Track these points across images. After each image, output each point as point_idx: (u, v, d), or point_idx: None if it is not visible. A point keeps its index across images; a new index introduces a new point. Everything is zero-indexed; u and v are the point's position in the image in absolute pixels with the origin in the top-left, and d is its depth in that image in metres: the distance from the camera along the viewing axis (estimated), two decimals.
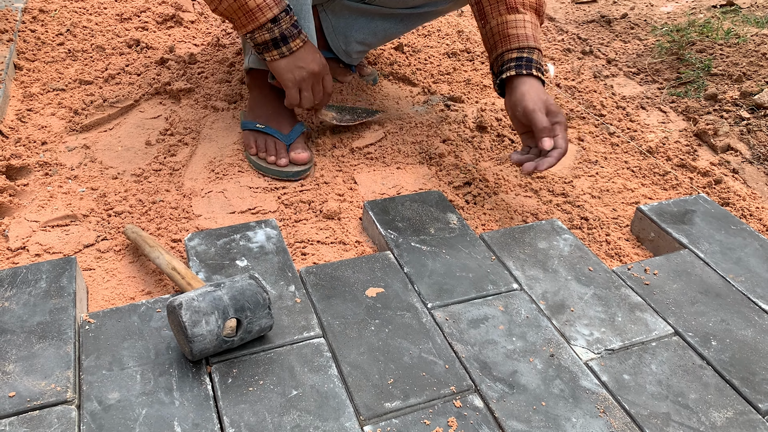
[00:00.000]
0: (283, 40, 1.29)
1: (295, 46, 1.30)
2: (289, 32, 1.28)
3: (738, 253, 1.20)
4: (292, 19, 1.28)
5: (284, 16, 1.27)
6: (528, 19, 1.33)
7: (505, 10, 1.33)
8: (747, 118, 1.70)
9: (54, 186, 1.35)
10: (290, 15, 1.28)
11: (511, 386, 0.92)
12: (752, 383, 0.94)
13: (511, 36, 1.31)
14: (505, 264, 1.15)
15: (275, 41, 1.29)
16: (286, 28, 1.28)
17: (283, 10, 1.26)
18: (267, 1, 1.25)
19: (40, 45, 1.87)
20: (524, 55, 1.29)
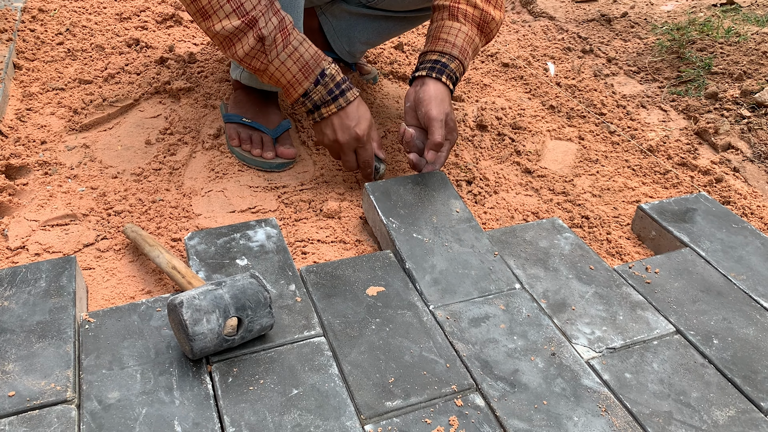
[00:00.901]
0: (316, 109, 1.28)
1: (327, 113, 1.28)
2: (322, 101, 1.27)
3: (739, 252, 1.19)
4: (327, 86, 1.26)
5: (314, 88, 1.26)
6: (464, 30, 1.36)
7: (447, 16, 1.37)
8: (748, 116, 1.70)
9: (54, 185, 1.35)
10: (323, 83, 1.26)
11: (513, 385, 0.92)
12: (754, 382, 0.94)
13: (440, 40, 1.36)
14: (506, 263, 1.14)
15: (310, 111, 1.30)
16: (319, 98, 1.27)
17: (314, 81, 1.25)
18: (297, 77, 1.24)
19: (39, 44, 1.86)
20: (443, 60, 1.34)
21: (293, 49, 1.22)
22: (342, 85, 1.28)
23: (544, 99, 1.82)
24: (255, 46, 1.18)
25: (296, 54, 1.23)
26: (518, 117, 1.70)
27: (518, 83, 1.91)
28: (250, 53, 1.20)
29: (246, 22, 1.16)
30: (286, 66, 1.23)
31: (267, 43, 1.19)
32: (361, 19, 1.66)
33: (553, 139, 1.64)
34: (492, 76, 1.94)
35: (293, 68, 1.23)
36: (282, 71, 1.23)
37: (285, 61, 1.22)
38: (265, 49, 1.19)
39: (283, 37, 1.21)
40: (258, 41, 1.18)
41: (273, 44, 1.20)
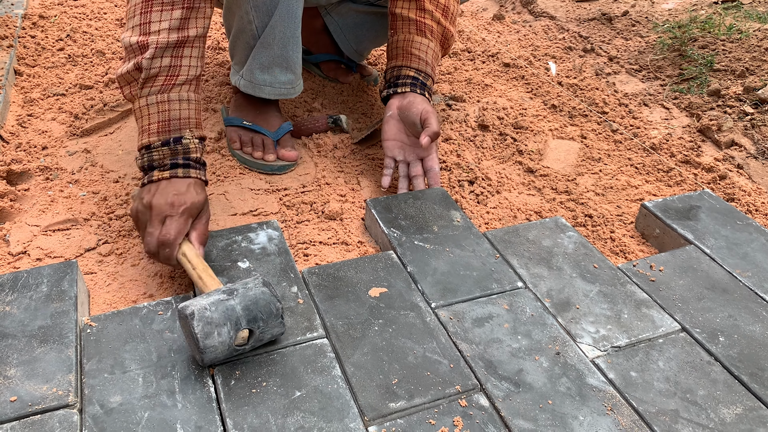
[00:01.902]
0: (149, 169, 1.09)
1: (158, 176, 1.07)
2: (159, 162, 1.08)
3: (744, 248, 1.18)
4: (175, 153, 1.09)
5: (159, 147, 1.08)
6: (432, 47, 1.41)
7: (415, 30, 1.40)
8: (751, 113, 1.69)
9: (55, 190, 1.35)
10: (172, 148, 1.08)
11: (517, 385, 0.91)
12: (761, 379, 0.93)
13: (413, 56, 1.39)
14: (510, 262, 1.13)
15: (145, 169, 1.10)
16: (158, 158, 1.08)
17: (163, 141, 1.08)
18: (150, 127, 1.08)
19: (40, 50, 1.87)
20: (420, 78, 1.38)
21: (166, 99, 1.08)
22: (193, 162, 1.09)
23: (546, 98, 1.81)
24: (132, 72, 1.07)
25: (166, 105, 1.08)
26: (520, 117, 1.70)
27: (520, 83, 1.90)
28: (125, 76, 1.08)
29: (139, 44, 1.06)
30: (148, 110, 1.08)
31: (143, 76, 1.07)
32: (368, 17, 1.66)
33: (555, 138, 1.64)
34: (493, 76, 1.94)
35: (153, 116, 1.08)
36: (143, 112, 1.09)
37: (150, 105, 1.08)
38: (140, 80, 1.07)
39: (165, 82, 1.07)
40: (136, 69, 1.07)
41: (150, 81, 1.07)
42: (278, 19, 1.29)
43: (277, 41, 1.32)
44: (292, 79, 1.40)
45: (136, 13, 1.07)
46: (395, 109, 1.36)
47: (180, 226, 1.04)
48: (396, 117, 1.35)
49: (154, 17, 1.06)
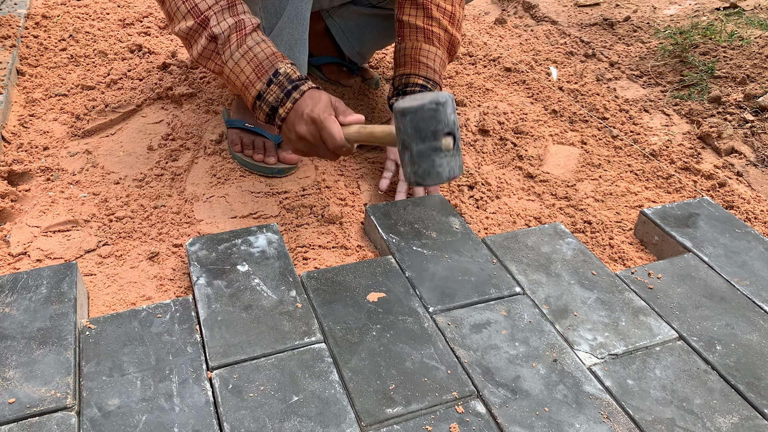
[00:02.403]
0: (273, 112, 1.17)
1: (284, 112, 1.15)
2: (278, 101, 1.16)
3: (743, 257, 1.19)
4: (282, 84, 1.15)
5: (267, 88, 1.15)
6: (440, 54, 1.42)
7: (423, 39, 1.42)
8: (751, 120, 1.69)
9: (56, 191, 1.35)
10: (277, 82, 1.15)
11: (514, 392, 0.91)
12: (758, 388, 0.93)
13: (422, 64, 1.40)
14: (508, 268, 1.14)
15: (269, 116, 1.18)
16: (273, 99, 1.15)
17: (267, 81, 1.15)
18: (250, 78, 1.16)
19: (42, 50, 1.87)
20: (428, 86, 1.40)
21: (248, 48, 1.15)
22: (296, 81, 1.16)
23: (547, 103, 1.82)
24: (207, 45, 1.15)
25: (250, 53, 1.15)
26: (520, 121, 1.70)
27: (520, 87, 1.91)
28: (203, 53, 1.16)
29: (198, 22, 1.13)
30: (239, 66, 1.15)
31: (219, 42, 1.14)
32: (371, 19, 1.67)
33: (556, 143, 1.64)
34: (494, 80, 1.94)
35: (246, 69, 1.15)
36: (236, 72, 1.16)
37: (239, 61, 1.15)
38: (218, 48, 1.15)
39: (238, 37, 1.15)
40: (210, 40, 1.14)
41: (226, 43, 1.14)
42: (286, 20, 1.30)
43: (284, 43, 1.32)
44: None
45: (179, 4, 1.14)
46: None
47: (333, 128, 1.11)
48: None
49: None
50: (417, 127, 0.97)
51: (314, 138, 1.13)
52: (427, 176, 1.00)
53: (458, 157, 1.00)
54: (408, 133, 0.98)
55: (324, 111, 1.12)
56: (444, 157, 0.98)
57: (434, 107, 0.96)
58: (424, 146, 0.98)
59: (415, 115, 0.96)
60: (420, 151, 0.98)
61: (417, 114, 0.96)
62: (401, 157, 1.04)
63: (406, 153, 1.00)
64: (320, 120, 1.11)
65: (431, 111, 0.96)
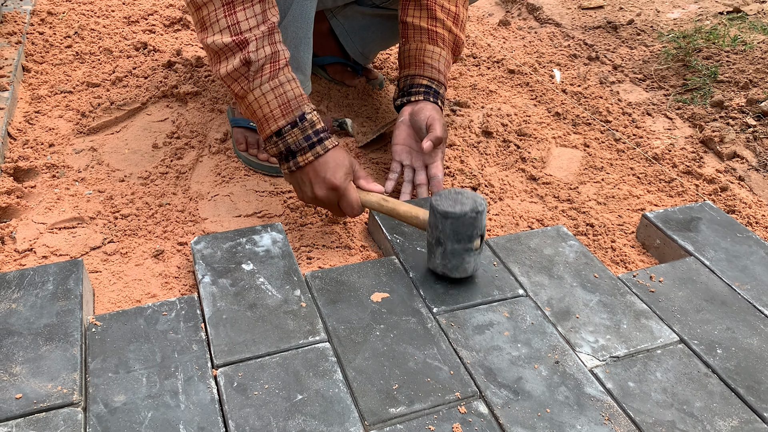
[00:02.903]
0: (291, 155, 1.17)
1: (303, 162, 1.16)
2: (297, 146, 1.16)
3: (744, 261, 1.19)
4: (305, 131, 1.16)
5: (290, 129, 1.15)
6: (444, 55, 1.43)
7: (427, 40, 1.43)
8: (753, 125, 1.70)
9: (61, 188, 1.36)
10: (301, 127, 1.15)
11: (516, 393, 0.92)
12: (758, 392, 0.94)
13: (426, 65, 1.42)
14: (511, 270, 1.15)
15: (283, 155, 1.18)
16: (293, 141, 1.16)
17: (291, 122, 1.15)
18: (274, 112, 1.15)
19: (48, 47, 1.88)
20: (433, 86, 1.41)
21: (278, 83, 1.15)
22: (321, 133, 1.17)
23: (550, 106, 1.82)
24: (239, 68, 1.13)
25: (280, 89, 1.15)
26: (524, 124, 1.71)
27: (524, 90, 1.91)
28: (232, 74, 1.14)
29: (237, 42, 1.11)
30: (266, 98, 1.15)
31: (252, 69, 1.13)
32: (375, 19, 1.67)
33: (559, 146, 1.65)
34: (498, 82, 1.95)
35: (273, 103, 1.15)
36: (260, 102, 1.15)
37: (266, 93, 1.15)
38: (250, 74, 1.14)
39: (271, 69, 1.14)
40: (243, 64, 1.12)
41: (259, 72, 1.13)
42: (291, 19, 1.30)
43: (289, 42, 1.33)
44: (301, 80, 1.41)
45: (219, 17, 1.11)
46: (407, 115, 1.37)
47: (353, 197, 1.18)
48: (407, 122, 1.37)
49: (241, 16, 1.11)
50: (456, 230, 1.03)
51: (331, 202, 1.18)
52: (455, 270, 1.07)
53: (482, 253, 1.09)
54: (446, 233, 1.04)
55: (346, 179, 1.17)
56: (473, 255, 1.06)
57: (475, 216, 1.03)
58: (458, 246, 1.04)
59: (456, 221, 1.03)
60: (454, 250, 1.05)
61: (459, 221, 1.03)
62: (431, 247, 1.08)
63: (439, 248, 1.06)
64: (342, 189, 1.16)
65: (472, 219, 1.03)
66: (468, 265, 1.07)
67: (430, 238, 1.08)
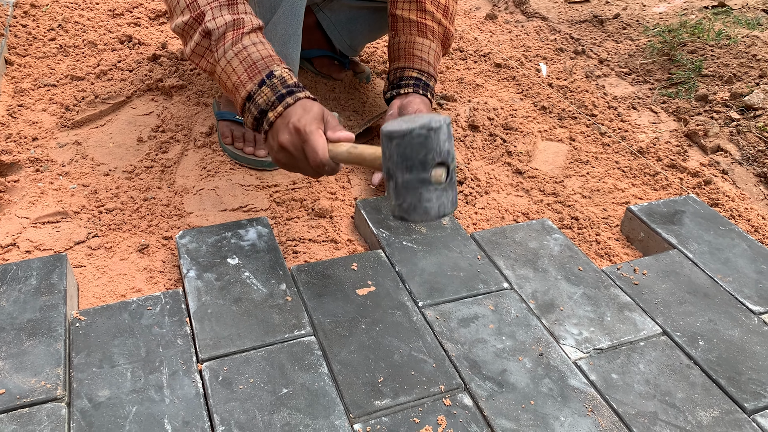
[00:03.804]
0: (262, 115, 1.09)
1: (274, 116, 1.07)
2: (268, 104, 1.08)
3: (726, 254, 1.21)
4: (275, 88, 1.07)
5: (258, 90, 1.08)
6: (434, 48, 1.43)
7: (416, 32, 1.42)
8: (737, 119, 1.71)
9: (45, 182, 1.35)
10: (270, 84, 1.08)
11: (501, 385, 0.93)
12: (738, 383, 0.95)
13: (416, 57, 1.40)
14: (496, 263, 1.15)
15: (258, 120, 1.09)
16: (264, 101, 1.07)
17: (258, 82, 1.08)
18: (241, 78, 1.09)
19: (31, 40, 1.86)
20: (423, 78, 1.39)
21: (242, 47, 1.09)
22: (292, 87, 1.08)
23: (536, 100, 1.83)
24: (201, 41, 1.10)
25: (244, 53, 1.09)
26: (510, 117, 1.71)
27: (510, 84, 1.92)
28: (196, 50, 1.11)
29: (194, 17, 1.09)
30: (231, 65, 1.09)
31: (213, 38, 1.09)
32: (362, 11, 1.67)
33: (545, 140, 1.65)
34: (484, 76, 1.95)
35: (239, 68, 1.09)
36: (227, 72, 1.10)
37: (231, 60, 1.09)
38: (211, 45, 1.09)
39: (234, 35, 1.09)
40: (204, 36, 1.09)
41: (221, 40, 1.09)
42: (281, 16, 1.29)
43: (278, 38, 1.32)
44: None
45: (181, 0, 1.11)
46: (396, 108, 1.37)
47: (318, 142, 1.01)
48: (396, 116, 1.37)
49: None
50: (404, 154, 0.85)
51: (296, 150, 1.04)
52: (413, 211, 0.87)
53: (451, 192, 0.87)
54: (393, 160, 0.86)
55: (311, 123, 1.03)
56: (434, 191, 0.86)
57: (425, 133, 0.84)
58: (410, 177, 0.86)
59: (402, 140, 0.85)
60: (406, 182, 0.86)
61: (404, 139, 0.84)
62: (386, 186, 0.92)
63: (390, 182, 0.88)
64: (305, 132, 1.02)
65: (421, 137, 0.84)
66: (428, 204, 0.86)
67: (384, 174, 0.91)
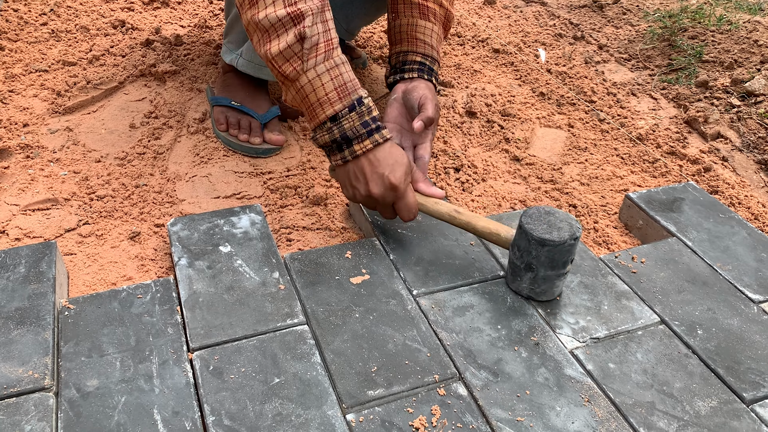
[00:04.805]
0: (346, 143, 1.06)
1: (360, 150, 1.05)
2: (354, 132, 1.05)
3: (726, 242, 1.19)
4: (362, 116, 1.05)
5: (347, 114, 1.05)
6: (436, 30, 1.39)
7: (418, 14, 1.37)
8: (737, 105, 1.69)
9: (35, 169, 1.33)
10: (359, 111, 1.05)
11: (496, 374, 0.91)
12: (737, 372, 0.94)
13: (419, 40, 1.36)
14: (492, 251, 1.13)
15: (337, 143, 1.07)
16: (350, 127, 1.05)
17: (348, 105, 1.05)
18: (330, 96, 1.04)
19: (22, 24, 1.83)
20: (427, 62, 1.35)
21: (334, 64, 1.05)
22: (378, 121, 1.07)
23: (535, 86, 1.81)
24: (293, 45, 1.02)
25: (336, 71, 1.05)
26: (508, 104, 1.69)
27: (509, 69, 1.89)
28: (285, 52, 1.03)
29: (292, 15, 1.02)
30: (321, 80, 1.04)
31: (307, 46, 1.02)
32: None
33: (543, 126, 1.63)
34: (482, 61, 1.92)
35: (328, 85, 1.04)
36: (315, 85, 1.04)
37: (322, 74, 1.04)
38: (304, 52, 1.03)
39: (326, 48, 1.04)
40: (298, 40, 1.02)
41: (313, 50, 1.03)
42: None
43: None
44: None
45: None
46: (400, 92, 1.34)
47: (410, 200, 1.07)
48: (399, 101, 1.33)
49: None
50: (552, 258, 0.98)
51: (385, 202, 1.07)
52: (543, 294, 1.02)
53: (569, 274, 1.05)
54: (540, 260, 0.98)
55: (406, 179, 1.06)
56: (563, 279, 1.02)
57: (573, 243, 0.98)
58: (552, 273, 1.00)
59: (554, 248, 0.97)
60: (546, 276, 1.00)
61: (557, 248, 0.97)
62: (516, 269, 1.03)
63: (529, 273, 1.01)
64: (401, 191, 1.06)
65: (570, 246, 0.98)
66: (557, 288, 1.03)
67: (516, 261, 1.02)
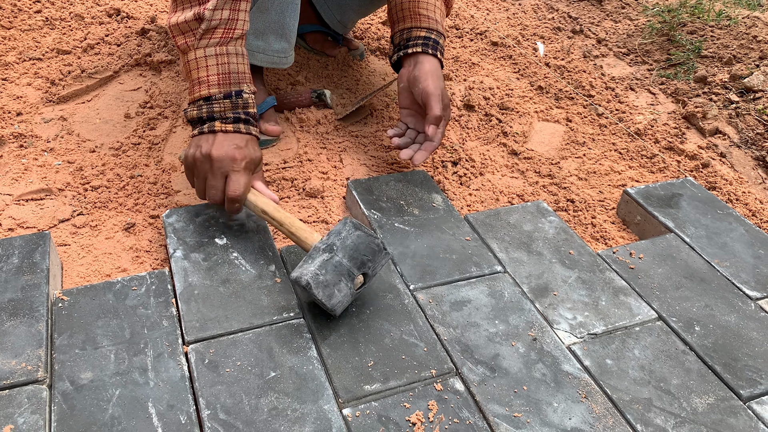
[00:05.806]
0: (209, 119, 1.08)
1: (219, 128, 1.07)
2: (221, 114, 1.08)
3: (723, 238, 1.19)
4: (236, 107, 1.09)
5: (221, 99, 1.08)
6: (438, 5, 1.38)
7: None
8: (736, 101, 1.69)
9: (29, 158, 1.32)
10: (233, 102, 1.08)
11: (493, 370, 0.91)
12: (734, 369, 0.94)
13: (422, 16, 1.35)
14: (489, 246, 1.13)
15: (202, 120, 1.09)
16: (219, 110, 1.08)
17: (225, 93, 1.08)
18: (210, 78, 1.07)
19: (16, 12, 1.81)
20: (432, 36, 1.33)
21: (225, 52, 1.08)
22: (251, 117, 1.10)
23: (533, 79, 1.80)
24: (190, 21, 1.06)
25: (225, 58, 1.08)
26: (506, 97, 1.68)
27: (507, 63, 1.88)
28: (181, 25, 1.06)
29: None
30: (206, 62, 1.07)
31: (203, 27, 1.05)
32: None
33: (541, 120, 1.62)
34: (481, 54, 1.91)
35: (212, 69, 1.07)
36: (200, 64, 1.07)
37: (209, 57, 1.07)
38: (198, 31, 1.06)
39: (223, 35, 1.07)
40: (195, 19, 1.05)
41: (209, 33, 1.06)
42: None
43: (275, 6, 1.27)
44: (285, 48, 1.36)
45: None
46: (405, 80, 1.32)
47: (246, 181, 1.06)
48: (407, 88, 1.32)
49: None
50: (356, 245, 0.93)
51: (219, 169, 1.05)
52: (319, 288, 0.91)
53: (348, 302, 0.95)
54: (346, 243, 0.93)
55: (251, 163, 1.07)
56: (346, 288, 0.93)
57: (386, 252, 0.97)
58: (344, 264, 0.93)
59: (358, 238, 0.94)
60: (337, 265, 0.92)
61: (362, 239, 0.94)
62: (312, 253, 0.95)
63: (323, 254, 0.93)
64: (239, 166, 1.05)
65: (377, 247, 0.95)
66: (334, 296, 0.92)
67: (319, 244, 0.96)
